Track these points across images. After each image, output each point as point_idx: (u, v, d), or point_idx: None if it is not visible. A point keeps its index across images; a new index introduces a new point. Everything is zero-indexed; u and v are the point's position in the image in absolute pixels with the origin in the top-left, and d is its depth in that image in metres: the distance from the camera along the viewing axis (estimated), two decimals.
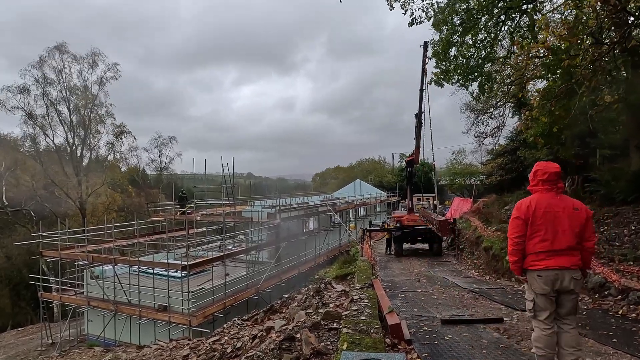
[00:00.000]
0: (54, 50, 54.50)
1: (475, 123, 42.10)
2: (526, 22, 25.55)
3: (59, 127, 56.51)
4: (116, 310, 28.35)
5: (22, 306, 51.89)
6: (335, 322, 9.36)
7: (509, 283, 19.63)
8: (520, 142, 35.03)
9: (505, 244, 22.29)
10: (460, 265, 27.41)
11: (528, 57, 15.43)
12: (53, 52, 54.57)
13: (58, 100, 55.51)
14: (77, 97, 57.14)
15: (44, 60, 53.99)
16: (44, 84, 54.02)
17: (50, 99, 54.89)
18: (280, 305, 15.94)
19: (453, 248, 32.11)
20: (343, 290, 14.10)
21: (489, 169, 46.44)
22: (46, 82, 54.04)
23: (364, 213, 63.00)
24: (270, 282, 32.34)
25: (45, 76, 53.98)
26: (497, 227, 27.24)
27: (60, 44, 54.95)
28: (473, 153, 75.04)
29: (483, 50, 26.44)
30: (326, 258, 42.22)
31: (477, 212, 36.81)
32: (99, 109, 59.34)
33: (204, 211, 37.77)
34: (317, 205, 46.52)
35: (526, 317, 12.61)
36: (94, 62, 57.60)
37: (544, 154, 28.42)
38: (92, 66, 57.60)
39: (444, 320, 11.71)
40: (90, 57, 57.43)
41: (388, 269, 25.95)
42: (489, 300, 15.59)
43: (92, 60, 57.54)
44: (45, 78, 53.97)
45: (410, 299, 15.90)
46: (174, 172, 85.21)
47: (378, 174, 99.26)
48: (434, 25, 26.36)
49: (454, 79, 27.41)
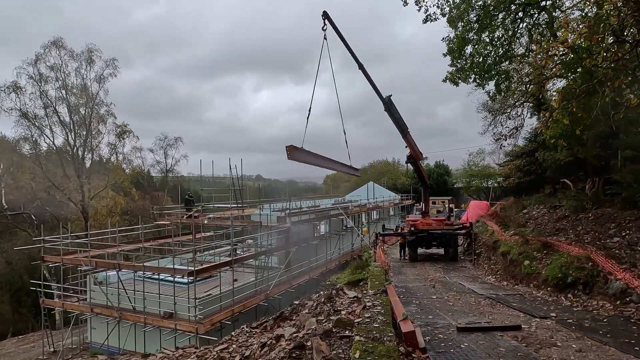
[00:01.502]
0: (50, 46, 54.15)
1: (492, 124, 41.94)
2: (545, 19, 25.54)
3: (58, 127, 56.35)
4: (120, 317, 28.35)
5: (23, 313, 51.87)
6: (347, 330, 9.42)
7: (527, 289, 19.61)
8: (539, 144, 34.97)
9: (524, 248, 22.31)
10: (476, 271, 27.37)
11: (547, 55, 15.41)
12: (50, 48, 54.10)
13: (56, 99, 55.08)
14: (76, 95, 56.62)
15: (40, 57, 53.50)
16: (40, 82, 53.26)
17: (48, 98, 54.15)
18: (290, 312, 16.01)
19: (469, 253, 32.06)
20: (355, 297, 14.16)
21: (507, 170, 46.35)
22: (42, 79, 53.67)
23: (377, 217, 62.93)
24: (280, 288, 32.32)
25: (41, 73, 53.53)
26: (515, 231, 27.17)
27: (57, 39, 54.54)
28: (491, 154, 74.80)
29: (500, 48, 26.42)
30: (338, 263, 42.23)
31: (494, 215, 36.73)
32: (99, 108, 58.83)
33: (212, 215, 37.73)
34: (329, 208, 46.55)
35: (545, 325, 12.63)
36: (89, 58, 56.91)
37: (564, 155, 28.38)
38: (89, 63, 56.93)
39: (459, 328, 11.74)
40: (86, 52, 56.80)
41: (402, 275, 25.97)
42: (507, 307, 15.60)
43: (88, 56, 56.86)
44: (41, 75, 53.55)
45: (425, 305, 15.93)
46: (180, 174, 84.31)
47: (391, 176, 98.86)
48: (449, 22, 26.36)
49: (470, 77, 27.37)
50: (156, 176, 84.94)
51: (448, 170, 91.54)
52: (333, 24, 25.26)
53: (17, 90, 52.32)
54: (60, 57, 54.83)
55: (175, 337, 25.47)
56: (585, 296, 16.27)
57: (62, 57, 55.01)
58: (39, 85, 53.34)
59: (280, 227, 34.89)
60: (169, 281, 27.63)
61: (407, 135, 31.69)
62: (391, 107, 30.15)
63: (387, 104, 30.01)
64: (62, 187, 54.12)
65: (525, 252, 22.05)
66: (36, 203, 54.14)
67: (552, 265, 18.90)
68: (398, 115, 30.78)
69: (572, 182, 34.59)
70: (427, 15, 26.50)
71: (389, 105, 30.03)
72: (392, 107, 30.26)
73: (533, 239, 23.07)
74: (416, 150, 32.67)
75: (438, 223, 32.81)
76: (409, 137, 31.84)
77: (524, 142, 42.73)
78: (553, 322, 13.02)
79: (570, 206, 27.32)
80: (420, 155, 33.31)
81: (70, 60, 55.46)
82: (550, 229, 26.30)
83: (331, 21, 25.08)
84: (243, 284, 30.25)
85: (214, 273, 28.70)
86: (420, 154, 33.22)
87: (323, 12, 24.86)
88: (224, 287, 28.05)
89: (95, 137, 59.90)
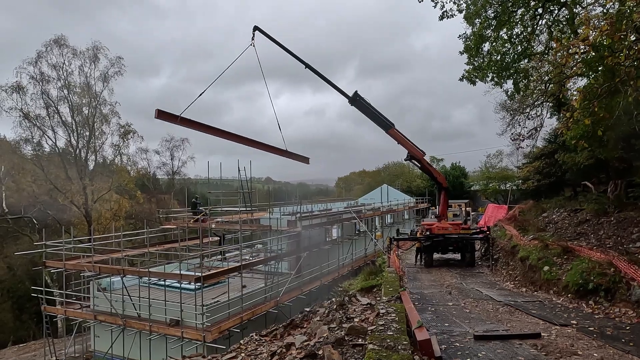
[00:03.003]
0: (52, 45, 54.42)
1: (510, 124, 41.82)
2: (565, 16, 25.45)
3: (60, 128, 57.00)
4: (125, 325, 28.37)
5: (24, 320, 52.05)
6: (360, 338, 9.45)
7: (547, 296, 19.58)
8: (559, 145, 34.81)
9: (543, 253, 22.26)
10: (494, 277, 27.32)
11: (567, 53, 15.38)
12: (51, 47, 54.40)
13: (58, 99, 55.65)
14: (79, 95, 56.75)
15: (42, 55, 53.80)
16: (42, 82, 53.88)
17: (50, 98, 54.47)
18: (301, 320, 16.03)
19: (487, 258, 31.98)
20: (369, 304, 14.18)
21: (526, 173, 46.08)
22: (44, 79, 54.01)
23: (391, 220, 62.90)
24: (290, 295, 32.41)
25: (42, 73, 53.98)
26: (534, 235, 27.11)
27: (59, 37, 54.79)
28: (509, 156, 74.58)
29: (519, 45, 26.36)
30: (350, 269, 42.24)
31: (513, 219, 36.66)
32: (103, 108, 59.33)
33: (219, 219, 37.76)
34: (341, 212, 46.55)
35: (566, 333, 12.61)
36: (95, 56, 57.00)
37: (585, 157, 28.26)
38: (94, 61, 57.12)
39: (477, 336, 11.75)
40: (91, 50, 57.12)
41: (417, 281, 25.97)
42: (526, 314, 15.59)
43: (94, 54, 57.04)
44: (42, 75, 53.83)
45: (441, 312, 15.94)
46: (187, 177, 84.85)
47: (406, 179, 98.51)
48: (465, 18, 26.33)
49: (487, 76, 27.32)
50: (162, 178, 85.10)
51: (465, 172, 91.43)
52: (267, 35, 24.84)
53: (19, 90, 52.46)
54: (62, 56, 54.96)
55: (182, 346, 25.46)
56: (607, 303, 16.22)
57: (64, 56, 55.12)
58: (41, 85, 53.45)
59: (291, 232, 34.95)
60: (175, 287, 27.66)
61: (392, 131, 31.62)
62: (358, 100, 30.15)
63: (353, 98, 30.02)
64: (64, 189, 54.31)
65: (544, 257, 22.00)
66: (38, 206, 54.14)
67: (572, 271, 18.85)
68: (373, 110, 30.84)
69: (593, 184, 34.47)
70: (443, 12, 26.48)
71: (356, 100, 30.03)
72: (362, 101, 30.29)
73: (553, 244, 23.01)
74: (411, 146, 32.50)
75: (454, 227, 32.72)
76: (396, 133, 31.75)
77: (543, 143, 42.57)
78: (574, 330, 13.01)
79: (592, 210, 27.21)
80: (418, 151, 32.90)
81: (73, 58, 55.68)
82: (570, 233, 26.22)
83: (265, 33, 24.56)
84: (252, 291, 30.29)
85: (222, 279, 28.77)
86: (418, 150, 32.86)
87: (254, 27, 23.74)
88: (232, 294, 28.06)
89: (99, 137, 60.13)
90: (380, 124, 31.42)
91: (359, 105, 30.43)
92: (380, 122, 31.33)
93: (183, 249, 33.41)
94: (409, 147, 32.39)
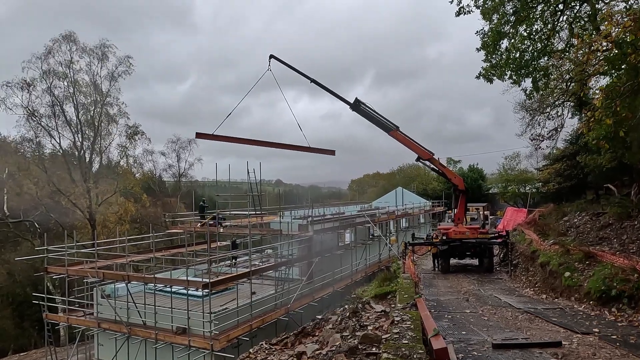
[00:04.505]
0: (61, 41, 53.89)
1: (530, 124, 41.66)
2: (587, 12, 25.41)
3: (65, 128, 56.28)
4: (130, 333, 28.28)
5: (25, 328, 51.64)
6: (374, 347, 9.47)
7: (568, 303, 19.51)
8: (580, 146, 34.71)
9: (564, 259, 22.19)
10: (513, 283, 27.25)
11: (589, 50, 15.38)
12: (60, 43, 53.85)
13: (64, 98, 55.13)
14: (85, 94, 56.44)
15: (51, 51, 53.11)
16: (51, 78, 53.41)
17: (55, 96, 53.85)
18: (312, 328, 16.06)
19: (506, 264, 31.91)
20: (383, 311, 14.20)
21: (546, 175, 46.01)
22: (52, 76, 53.48)
23: (406, 225, 62.69)
24: (301, 302, 32.33)
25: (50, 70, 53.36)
26: (555, 240, 27.01)
27: (69, 33, 54.34)
28: (528, 158, 74.38)
29: (539, 42, 26.34)
30: (364, 275, 42.19)
31: (533, 223, 36.51)
32: (110, 108, 58.81)
33: (228, 223, 37.75)
34: (354, 216, 46.52)
35: (587, 341, 12.58)
36: (103, 54, 56.50)
37: (607, 159, 28.15)
38: (102, 59, 56.61)
39: (495, 345, 11.73)
40: (99, 48, 56.42)
41: (433, 287, 25.96)
42: (546, 321, 15.55)
43: (102, 52, 56.17)
44: (50, 72, 53.18)
45: (458, 320, 15.93)
46: (194, 179, 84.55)
47: (422, 181, 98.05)
48: (483, 14, 26.33)
49: (505, 74, 27.29)
50: (168, 181, 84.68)
51: (483, 175, 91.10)
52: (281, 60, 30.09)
53: (27, 87, 52.09)
54: (70, 53, 54.60)
55: (189, 355, 25.41)
56: (631, 310, 16.15)
57: (72, 53, 54.74)
58: (47, 83, 53.11)
59: (302, 236, 34.86)
60: (182, 294, 27.42)
61: (394, 133, 32.18)
62: (359, 107, 31.49)
63: (354, 105, 31.52)
64: (67, 192, 53.92)
65: (565, 262, 21.93)
66: (40, 210, 53.77)
67: (594, 277, 18.79)
68: (375, 114, 31.93)
69: (616, 187, 34.30)
70: (460, 8, 26.51)
71: (357, 106, 31.45)
72: (362, 107, 31.53)
73: (574, 249, 22.92)
74: (416, 147, 32.85)
75: (472, 231, 32.65)
76: (398, 134, 32.21)
77: (564, 145, 42.48)
78: (596, 338, 12.97)
79: (615, 213, 27.09)
80: (425, 152, 33.04)
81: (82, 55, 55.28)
82: (592, 237, 26.12)
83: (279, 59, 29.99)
84: (262, 297, 30.21)
85: (231, 285, 28.74)
86: (425, 151, 33.00)
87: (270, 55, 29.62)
88: (241, 301, 28.02)
89: (105, 138, 59.71)
90: (382, 127, 32.14)
91: (360, 111, 31.63)
92: (381, 125, 32.09)
93: (190, 254, 33.19)
94: (414, 147, 32.71)
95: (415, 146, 32.56)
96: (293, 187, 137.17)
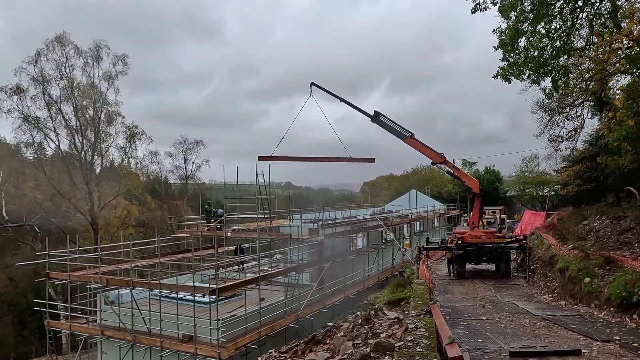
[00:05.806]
0: (53, 43, 54.25)
1: (548, 125, 41.50)
2: (607, 9, 25.30)
3: (63, 130, 56.69)
4: (134, 340, 28.14)
5: (26, 336, 51.63)
6: (387, 355, 9.46)
7: (588, 309, 19.43)
8: (600, 147, 34.53)
9: (584, 264, 22.11)
10: (531, 289, 27.16)
11: (610, 49, 15.32)
12: (52, 45, 54.22)
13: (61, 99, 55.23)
14: (83, 94, 56.58)
15: (42, 54, 53.51)
16: (43, 82, 53.59)
17: (52, 98, 54.14)
18: (323, 335, 16.07)
19: (523, 269, 31.80)
20: (396, 318, 14.19)
21: (565, 177, 45.79)
22: (44, 79, 53.73)
23: (421, 229, 62.62)
24: (312, 309, 32.30)
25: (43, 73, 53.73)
26: (574, 244, 26.90)
27: (61, 35, 54.62)
28: (546, 159, 74.14)
29: (558, 40, 26.25)
30: (377, 280, 42.17)
31: (551, 227, 36.39)
32: (108, 108, 59.20)
33: (236, 226, 37.66)
34: (366, 219, 46.45)
35: (608, 349, 12.52)
36: (97, 55, 56.97)
37: (629, 160, 28.01)
38: (97, 60, 56.96)
39: (512, 353, 11.70)
40: (94, 49, 56.94)
41: (448, 293, 25.91)
42: (565, 329, 15.49)
43: (96, 53, 56.95)
44: (43, 75, 53.52)
45: (474, 327, 15.89)
46: (201, 181, 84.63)
47: (436, 184, 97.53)
48: (500, 11, 26.25)
49: (523, 73, 27.22)
50: (174, 183, 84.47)
51: (499, 177, 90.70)
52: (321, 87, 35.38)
53: (19, 92, 52.52)
54: (64, 54, 55.06)
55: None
56: None
57: (66, 54, 55.21)
58: (42, 85, 53.45)
59: (313, 240, 34.81)
60: (188, 300, 27.35)
61: (409, 140, 33.37)
62: (379, 118, 33.88)
63: (374, 117, 34.13)
64: (68, 195, 54.02)
65: (585, 268, 21.83)
66: (40, 213, 53.53)
67: (615, 283, 18.70)
68: (393, 124, 33.88)
69: (637, 190, 34.12)
70: (476, 5, 26.44)
71: (377, 118, 34.07)
72: (382, 119, 33.83)
73: (594, 254, 22.81)
74: (431, 153, 33.60)
75: (488, 236, 32.56)
76: (413, 141, 33.35)
77: (583, 146, 42.27)
78: (616, 346, 12.91)
79: (636, 217, 26.96)
80: (437, 156, 33.67)
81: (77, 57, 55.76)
82: (613, 242, 25.98)
83: (319, 86, 35.33)
84: (271, 304, 30.15)
85: (239, 291, 28.71)
86: (436, 155, 33.66)
87: (311, 83, 34.99)
88: (249, 307, 27.93)
89: (105, 139, 60.07)
90: (399, 135, 33.55)
91: (379, 122, 34.00)
92: (398, 133, 33.57)
93: (197, 259, 33.07)
94: (428, 153, 33.71)
95: (429, 152, 33.19)
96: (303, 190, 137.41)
